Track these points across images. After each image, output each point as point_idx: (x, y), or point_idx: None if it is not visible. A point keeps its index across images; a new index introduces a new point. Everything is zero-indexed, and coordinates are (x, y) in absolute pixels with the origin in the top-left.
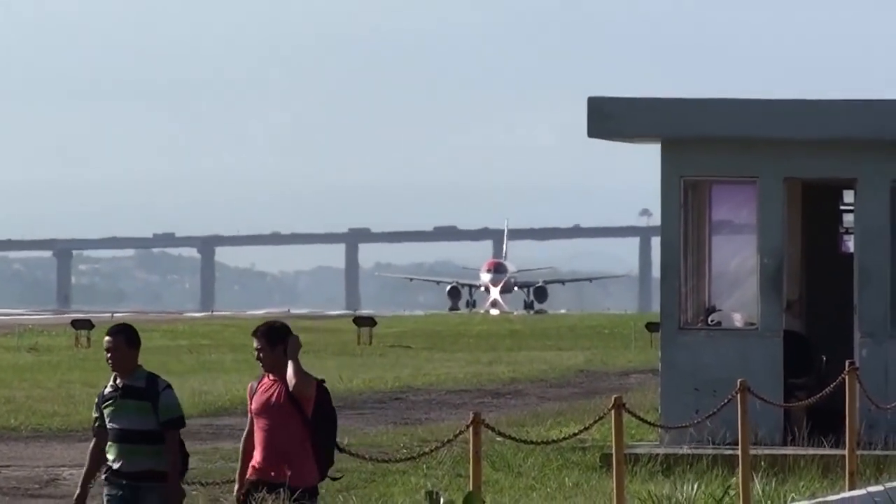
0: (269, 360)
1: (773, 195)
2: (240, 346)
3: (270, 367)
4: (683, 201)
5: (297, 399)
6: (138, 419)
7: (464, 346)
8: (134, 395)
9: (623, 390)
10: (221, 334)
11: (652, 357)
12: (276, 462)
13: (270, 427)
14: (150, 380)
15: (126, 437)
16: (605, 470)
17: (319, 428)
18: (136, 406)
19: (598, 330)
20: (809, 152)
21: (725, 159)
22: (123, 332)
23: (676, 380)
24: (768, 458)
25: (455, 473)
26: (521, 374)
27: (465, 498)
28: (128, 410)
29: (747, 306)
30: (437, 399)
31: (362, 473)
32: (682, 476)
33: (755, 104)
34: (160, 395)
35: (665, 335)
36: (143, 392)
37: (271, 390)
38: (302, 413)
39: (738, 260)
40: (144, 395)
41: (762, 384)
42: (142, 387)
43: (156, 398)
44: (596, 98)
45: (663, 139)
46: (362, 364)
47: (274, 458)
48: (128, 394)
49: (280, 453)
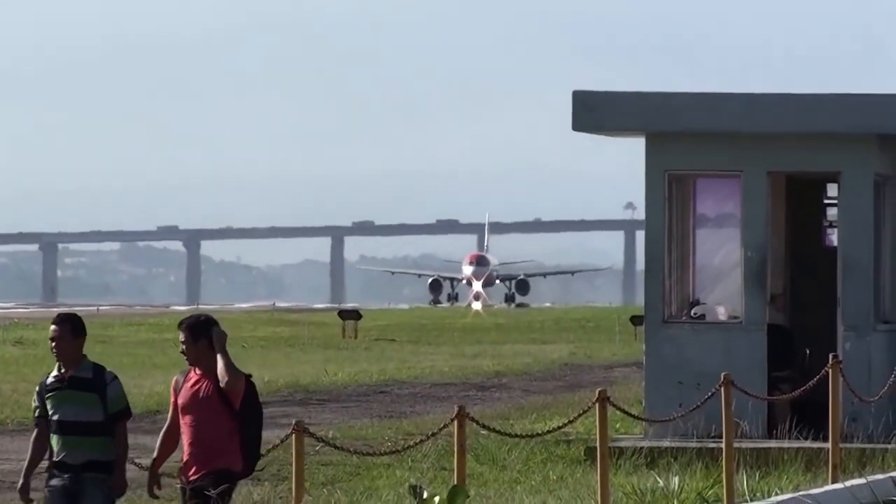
0: (193, 354)
1: (757, 189)
2: None
3: (195, 361)
4: (668, 195)
5: (225, 393)
6: (85, 411)
7: (448, 339)
8: (80, 386)
9: (607, 384)
10: None
11: (636, 350)
12: (204, 457)
13: (198, 421)
14: (96, 371)
15: (71, 429)
16: (589, 463)
17: (247, 422)
18: (82, 397)
19: (582, 323)
20: (793, 146)
21: (710, 153)
22: (69, 322)
23: (660, 373)
24: (752, 452)
25: (440, 467)
26: (505, 367)
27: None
28: (74, 402)
29: (731, 300)
30: (421, 392)
31: (347, 467)
32: (667, 469)
33: (739, 98)
34: (108, 386)
35: (649, 328)
36: (90, 383)
37: (198, 385)
38: (230, 406)
39: (723, 253)
40: (91, 386)
41: (746, 377)
42: (88, 378)
43: (103, 389)
44: (580, 92)
45: (648, 133)
46: (347, 357)
47: (202, 454)
48: (74, 385)
49: (207, 448)
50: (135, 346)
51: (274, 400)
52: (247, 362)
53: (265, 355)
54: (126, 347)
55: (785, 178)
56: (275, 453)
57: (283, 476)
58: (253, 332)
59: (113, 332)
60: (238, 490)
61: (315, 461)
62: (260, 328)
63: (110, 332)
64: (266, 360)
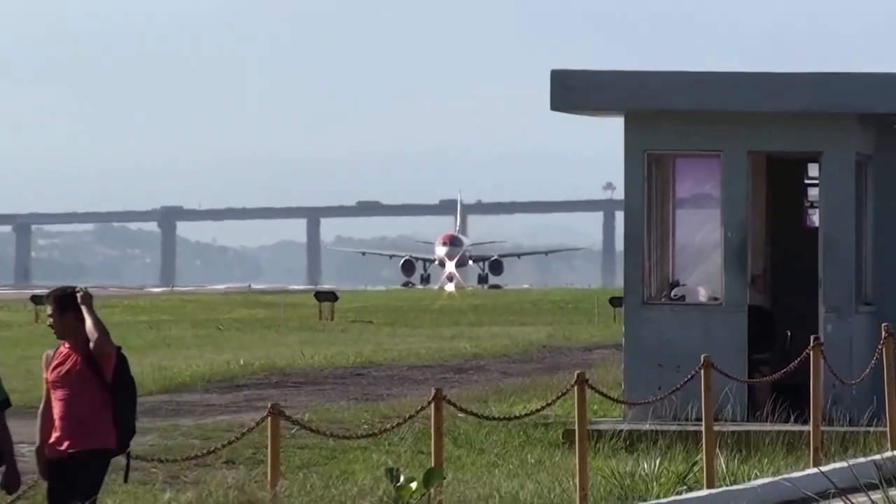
0: (62, 327)
1: (737, 169)
2: (201, 322)
3: (63, 334)
4: (647, 175)
5: (95, 364)
6: None
7: (426, 321)
8: None
9: (586, 366)
10: (182, 310)
11: (615, 332)
12: (75, 432)
13: (69, 396)
14: None
15: None
16: (567, 446)
17: (119, 395)
18: None
19: (560, 305)
20: (773, 126)
21: (689, 133)
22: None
23: (640, 355)
24: (732, 435)
25: (417, 450)
26: (483, 349)
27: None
28: None
29: (711, 281)
30: (398, 375)
31: (323, 450)
32: (646, 452)
33: (719, 77)
34: None
35: (628, 310)
36: None
37: (68, 359)
38: (101, 378)
39: (703, 234)
40: None
41: (726, 360)
42: None
43: None
44: (559, 71)
45: (626, 112)
46: (324, 339)
47: (73, 429)
48: None
49: (79, 422)
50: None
51: (249, 382)
52: (223, 344)
53: (241, 337)
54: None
55: (765, 158)
56: (250, 436)
57: (259, 459)
58: (229, 313)
59: None
60: (212, 474)
61: (291, 444)
62: (236, 310)
63: None
64: (242, 342)
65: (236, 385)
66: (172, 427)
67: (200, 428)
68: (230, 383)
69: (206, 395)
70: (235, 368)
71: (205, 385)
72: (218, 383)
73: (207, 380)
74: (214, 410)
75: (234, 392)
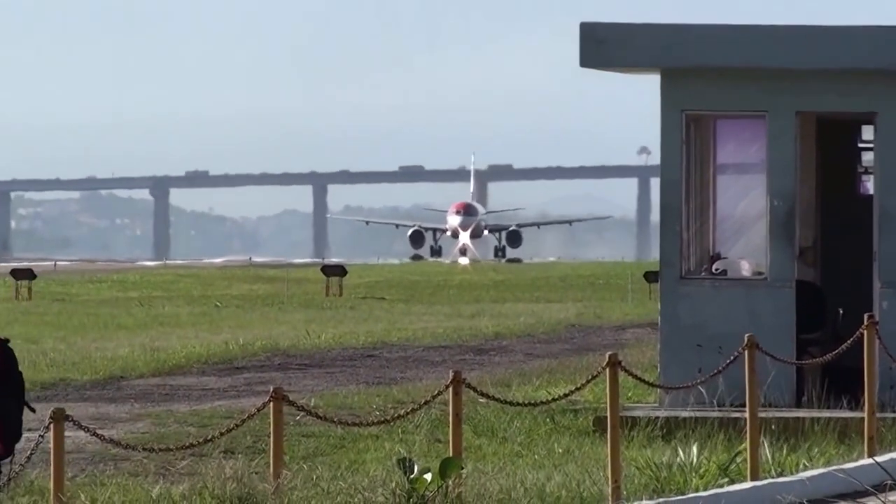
0: None
1: (784, 131)
2: (197, 299)
3: None
4: (685, 138)
5: None
6: None
7: (443, 297)
8: None
9: (619, 347)
10: (176, 285)
11: (651, 310)
12: None
13: None
14: None
15: None
16: (598, 434)
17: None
18: None
19: (591, 280)
20: (824, 84)
21: (731, 92)
22: None
23: (677, 335)
24: (779, 422)
25: (433, 439)
26: (506, 328)
27: (443, 465)
28: None
29: (756, 254)
30: (413, 356)
31: (331, 438)
32: (684, 441)
33: (765, 30)
34: None
35: (665, 286)
36: None
37: None
38: None
39: (746, 203)
40: None
41: (772, 340)
42: None
43: None
44: (589, 23)
45: (663, 69)
46: (331, 317)
47: None
48: None
49: None
50: (96, 305)
51: (250, 364)
52: (220, 323)
53: (241, 315)
54: (87, 307)
55: (815, 120)
56: (251, 423)
57: (260, 449)
58: (227, 289)
59: (72, 290)
60: (209, 464)
61: (295, 432)
62: (235, 285)
63: (69, 290)
64: (241, 321)
65: (235, 367)
66: (165, 413)
67: (196, 414)
68: (229, 365)
69: (202, 378)
70: (234, 349)
71: (201, 367)
72: (215, 365)
73: (204, 362)
74: (211, 395)
75: (232, 375)
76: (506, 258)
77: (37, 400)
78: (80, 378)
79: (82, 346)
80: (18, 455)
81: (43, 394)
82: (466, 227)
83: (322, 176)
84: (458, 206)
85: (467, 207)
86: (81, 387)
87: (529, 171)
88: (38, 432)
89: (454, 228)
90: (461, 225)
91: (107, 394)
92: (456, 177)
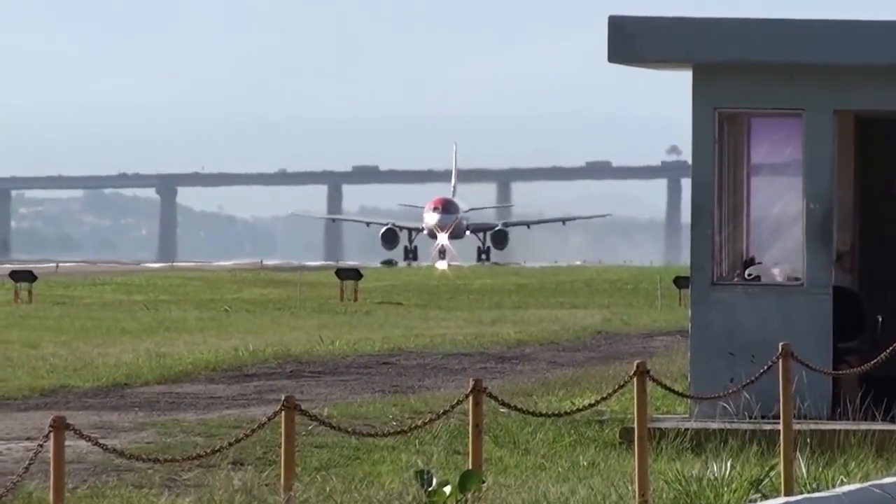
0: None
1: (821, 130)
2: (206, 303)
3: None
4: (718, 137)
5: None
6: None
7: (463, 302)
8: None
9: (647, 355)
10: (183, 288)
11: (681, 316)
12: None
13: None
14: None
15: None
16: (625, 446)
17: None
18: None
19: (618, 285)
20: (863, 81)
21: (766, 89)
22: None
23: (709, 343)
24: (814, 434)
25: (452, 450)
26: (528, 335)
27: (462, 477)
28: None
29: (791, 258)
30: (431, 364)
31: (345, 449)
32: (715, 454)
33: (801, 25)
34: None
35: (696, 291)
36: None
37: None
38: None
39: (781, 205)
40: None
41: (808, 348)
42: None
43: None
44: (618, 17)
45: (695, 65)
46: (346, 323)
47: None
48: None
49: None
50: (99, 308)
51: (260, 372)
52: (230, 328)
53: (251, 320)
54: (89, 310)
55: (854, 118)
56: (261, 433)
57: (271, 460)
58: (237, 293)
59: (75, 293)
60: (217, 476)
61: (307, 443)
62: (245, 289)
63: (72, 293)
64: (252, 326)
65: (245, 375)
66: (172, 422)
67: (204, 423)
68: (238, 372)
69: (210, 385)
70: (244, 356)
71: (209, 375)
72: (224, 373)
73: (212, 368)
74: (220, 404)
75: (242, 383)
76: (489, 261)
77: (36, 407)
78: (82, 385)
79: (84, 351)
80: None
81: (42, 401)
82: (445, 226)
83: (337, 175)
84: (435, 203)
85: (445, 204)
86: (83, 394)
87: (552, 170)
88: (37, 441)
89: (431, 228)
90: (439, 224)
91: (110, 402)
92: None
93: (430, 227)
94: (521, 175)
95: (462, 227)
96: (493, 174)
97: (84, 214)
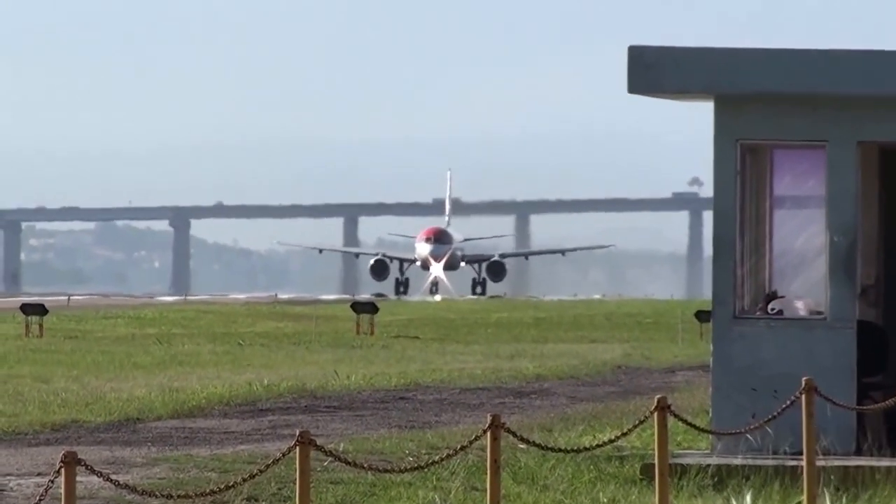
0: None
1: (844, 162)
2: (219, 336)
3: None
4: (740, 169)
5: None
6: None
7: (481, 336)
8: None
9: (668, 390)
10: (197, 322)
11: (702, 351)
12: None
13: None
14: None
15: None
16: (646, 483)
17: None
18: None
19: (638, 319)
20: (887, 113)
21: (789, 120)
22: None
23: (730, 378)
24: (838, 471)
25: (470, 486)
26: (547, 370)
27: None
28: None
29: (814, 292)
30: (449, 399)
31: (361, 485)
32: (737, 491)
33: (824, 55)
34: None
35: (717, 325)
36: None
37: None
38: None
39: (804, 238)
40: None
41: (831, 383)
42: None
43: None
44: (638, 47)
45: (717, 96)
46: (362, 357)
47: None
48: None
49: None
50: (111, 342)
51: (275, 407)
52: (244, 362)
53: (266, 354)
54: (101, 344)
55: (878, 150)
56: (276, 469)
57: (286, 496)
58: (251, 327)
59: (86, 327)
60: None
61: (323, 479)
62: (260, 322)
63: (83, 327)
64: (267, 360)
65: (259, 409)
66: (185, 458)
67: (217, 459)
68: (252, 407)
69: (224, 420)
70: (259, 390)
71: (223, 409)
72: (238, 407)
73: (226, 403)
74: (234, 439)
75: (256, 418)
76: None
77: (47, 443)
78: (94, 420)
79: (96, 385)
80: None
81: (54, 436)
82: (439, 257)
83: (353, 207)
84: (428, 233)
85: (439, 234)
86: (95, 429)
87: (572, 202)
88: (48, 477)
89: (424, 259)
90: (432, 254)
91: (122, 437)
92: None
93: (422, 258)
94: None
95: (457, 259)
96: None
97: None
